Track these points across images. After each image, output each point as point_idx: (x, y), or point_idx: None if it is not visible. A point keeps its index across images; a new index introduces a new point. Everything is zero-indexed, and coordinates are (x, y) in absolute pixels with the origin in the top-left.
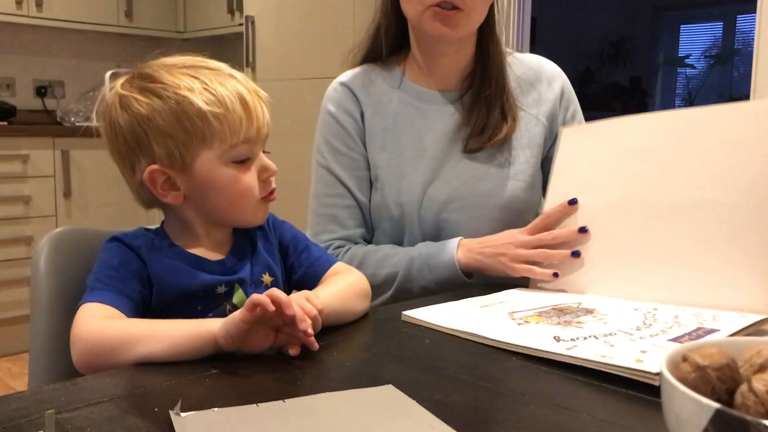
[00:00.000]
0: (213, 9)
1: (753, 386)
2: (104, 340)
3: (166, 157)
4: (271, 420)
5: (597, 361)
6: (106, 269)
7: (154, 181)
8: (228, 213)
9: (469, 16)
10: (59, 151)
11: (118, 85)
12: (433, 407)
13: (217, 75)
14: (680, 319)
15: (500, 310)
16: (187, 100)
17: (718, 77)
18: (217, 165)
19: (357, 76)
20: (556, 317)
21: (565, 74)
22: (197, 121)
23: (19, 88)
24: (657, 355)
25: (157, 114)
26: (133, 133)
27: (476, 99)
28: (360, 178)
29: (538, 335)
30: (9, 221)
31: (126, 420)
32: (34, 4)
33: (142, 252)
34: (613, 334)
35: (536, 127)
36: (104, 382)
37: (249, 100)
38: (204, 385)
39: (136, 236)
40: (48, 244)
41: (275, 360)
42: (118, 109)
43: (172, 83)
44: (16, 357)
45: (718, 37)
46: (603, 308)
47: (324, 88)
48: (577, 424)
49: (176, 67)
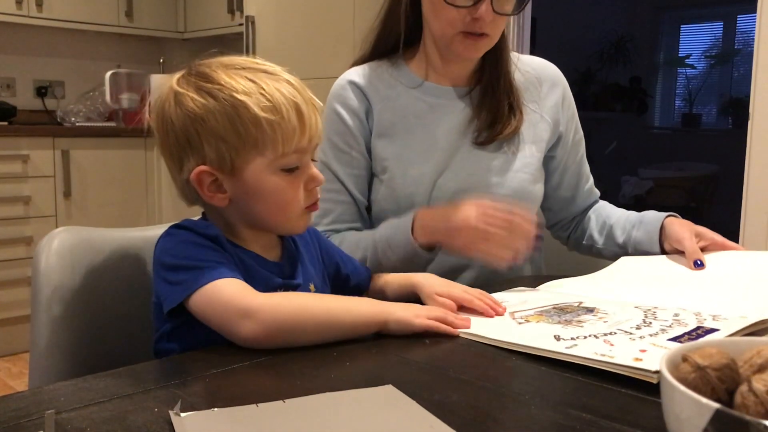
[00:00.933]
0: (213, 9)
1: (753, 386)
2: (287, 313)
3: (216, 159)
4: (271, 420)
5: (597, 360)
6: (203, 250)
7: (202, 182)
8: (270, 220)
9: (492, 40)
10: (59, 151)
11: (174, 81)
12: (433, 407)
13: (275, 80)
14: (680, 318)
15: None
16: (243, 105)
17: (718, 77)
18: (266, 172)
19: (365, 73)
20: (557, 316)
21: (565, 79)
22: (251, 127)
23: (19, 88)
24: (656, 354)
25: (211, 115)
26: (185, 131)
27: (485, 94)
28: (357, 176)
29: (539, 334)
30: (9, 221)
31: (126, 420)
32: (34, 4)
33: (221, 241)
34: (613, 333)
35: (541, 123)
36: (104, 382)
37: (304, 109)
38: (204, 385)
39: (207, 226)
40: (48, 244)
41: (275, 360)
42: (172, 105)
43: (228, 85)
44: (16, 357)
45: (718, 37)
46: (603, 307)
47: (324, 87)
48: (577, 424)
49: (234, 67)
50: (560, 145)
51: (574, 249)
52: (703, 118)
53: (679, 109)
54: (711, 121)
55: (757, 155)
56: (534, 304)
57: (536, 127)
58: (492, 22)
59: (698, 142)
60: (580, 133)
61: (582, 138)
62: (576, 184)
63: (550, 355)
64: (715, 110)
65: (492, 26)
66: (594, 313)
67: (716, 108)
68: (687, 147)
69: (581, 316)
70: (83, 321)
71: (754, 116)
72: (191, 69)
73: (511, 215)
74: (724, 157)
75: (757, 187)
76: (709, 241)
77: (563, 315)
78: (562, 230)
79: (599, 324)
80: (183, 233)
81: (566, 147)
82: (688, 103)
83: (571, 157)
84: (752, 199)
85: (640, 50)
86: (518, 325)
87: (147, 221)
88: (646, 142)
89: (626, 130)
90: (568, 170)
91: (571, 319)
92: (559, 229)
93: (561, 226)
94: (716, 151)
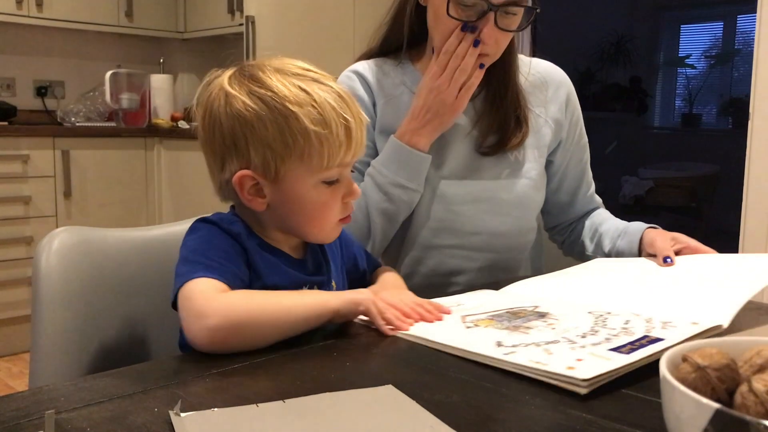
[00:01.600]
0: (213, 9)
1: (753, 386)
2: (239, 313)
3: (260, 165)
4: (271, 420)
5: (530, 367)
6: (214, 249)
7: (243, 185)
8: (305, 229)
9: (494, 58)
10: (59, 151)
11: (225, 80)
12: (434, 407)
13: (326, 91)
14: (629, 327)
15: (454, 313)
16: (293, 116)
17: (718, 77)
18: (308, 183)
19: (371, 68)
20: (507, 321)
21: (571, 83)
22: (300, 138)
23: (20, 88)
24: (591, 364)
25: (261, 122)
26: (232, 133)
27: (492, 103)
28: (365, 163)
29: (481, 340)
30: (9, 221)
31: (126, 420)
32: (34, 4)
33: (242, 239)
34: (557, 341)
35: (544, 127)
36: (104, 382)
37: (353, 125)
38: (204, 385)
39: (232, 222)
40: (48, 244)
41: (275, 360)
42: (222, 105)
43: (281, 93)
44: (16, 357)
45: (718, 37)
46: (556, 312)
47: None
48: (577, 424)
49: (288, 74)
50: (560, 150)
51: (568, 253)
52: (703, 118)
53: (679, 109)
54: (711, 121)
55: (757, 155)
56: (489, 308)
57: (540, 132)
58: (495, 40)
59: (698, 142)
60: (584, 140)
61: (586, 145)
62: (575, 190)
63: (487, 361)
64: (715, 110)
65: (494, 45)
66: (545, 319)
67: (716, 108)
68: (687, 147)
69: (531, 322)
70: (83, 321)
71: (754, 116)
72: (243, 69)
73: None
74: (724, 157)
75: (757, 187)
76: (683, 245)
77: (514, 320)
78: (558, 234)
79: (546, 331)
80: (206, 228)
81: (567, 152)
82: (688, 103)
83: (572, 162)
84: (752, 199)
85: (640, 50)
86: (465, 330)
87: (147, 221)
88: (646, 142)
89: (626, 130)
90: (567, 175)
91: (520, 325)
92: (556, 233)
93: (558, 230)
94: (716, 151)
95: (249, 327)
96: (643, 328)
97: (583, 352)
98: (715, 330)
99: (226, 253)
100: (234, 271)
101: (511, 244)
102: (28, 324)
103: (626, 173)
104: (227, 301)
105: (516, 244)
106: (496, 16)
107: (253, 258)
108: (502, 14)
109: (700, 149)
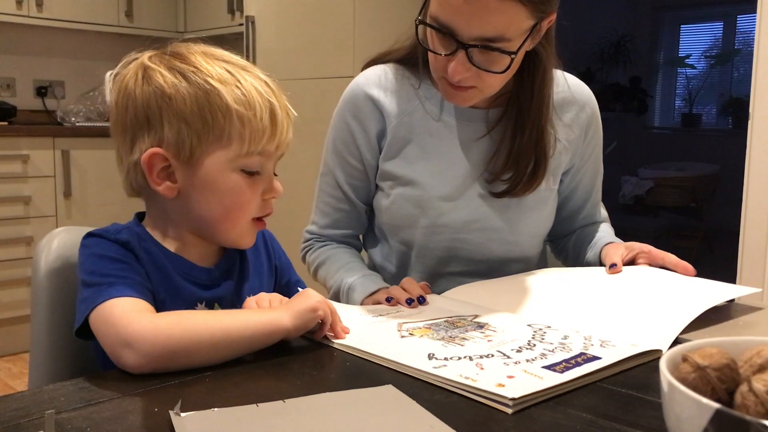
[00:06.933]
0: (213, 9)
1: (753, 386)
2: (171, 340)
3: (174, 142)
4: (271, 420)
5: (458, 383)
6: (109, 263)
7: (152, 166)
8: (216, 222)
9: (483, 91)
10: (59, 151)
11: (145, 57)
12: (433, 407)
13: (254, 77)
14: (567, 342)
15: (391, 320)
16: (215, 92)
17: (718, 77)
18: (225, 168)
19: (387, 79)
20: (443, 331)
21: (596, 103)
22: (220, 116)
23: (20, 88)
24: (522, 381)
25: (179, 95)
26: (146, 106)
27: (513, 136)
28: (359, 187)
29: (413, 351)
30: (9, 221)
31: (126, 420)
32: (34, 4)
33: (132, 246)
34: (491, 355)
35: (562, 154)
36: (104, 382)
37: (278, 113)
38: (204, 385)
39: (118, 231)
40: (48, 244)
41: (275, 360)
42: (139, 79)
43: (204, 70)
44: (16, 357)
45: (718, 37)
46: (495, 323)
47: (324, 87)
48: (577, 424)
49: (214, 57)
50: (570, 174)
51: (558, 258)
52: (703, 118)
53: (679, 109)
54: (711, 121)
55: (757, 155)
56: (428, 316)
57: (557, 159)
58: (476, 75)
59: (698, 142)
60: (599, 167)
61: (600, 171)
62: (578, 209)
63: (416, 374)
64: (715, 110)
65: (477, 79)
66: (483, 330)
67: (716, 108)
68: (687, 147)
69: (468, 332)
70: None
71: (754, 116)
72: (166, 49)
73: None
74: (724, 157)
75: (757, 187)
76: (636, 251)
77: (450, 330)
78: (553, 243)
79: (482, 343)
80: (93, 243)
81: (576, 177)
82: (688, 103)
83: (581, 185)
84: (752, 199)
85: (640, 50)
86: (399, 339)
87: None
88: (646, 142)
89: (626, 130)
90: (572, 198)
91: (455, 336)
92: (550, 241)
93: (553, 239)
94: (716, 151)
95: (183, 353)
96: (581, 345)
97: (516, 368)
98: (654, 354)
99: (123, 263)
100: (139, 281)
101: (519, 268)
102: (28, 324)
103: (626, 173)
104: (156, 327)
105: (524, 267)
106: (468, 53)
107: (145, 266)
108: (479, 50)
109: (700, 149)
